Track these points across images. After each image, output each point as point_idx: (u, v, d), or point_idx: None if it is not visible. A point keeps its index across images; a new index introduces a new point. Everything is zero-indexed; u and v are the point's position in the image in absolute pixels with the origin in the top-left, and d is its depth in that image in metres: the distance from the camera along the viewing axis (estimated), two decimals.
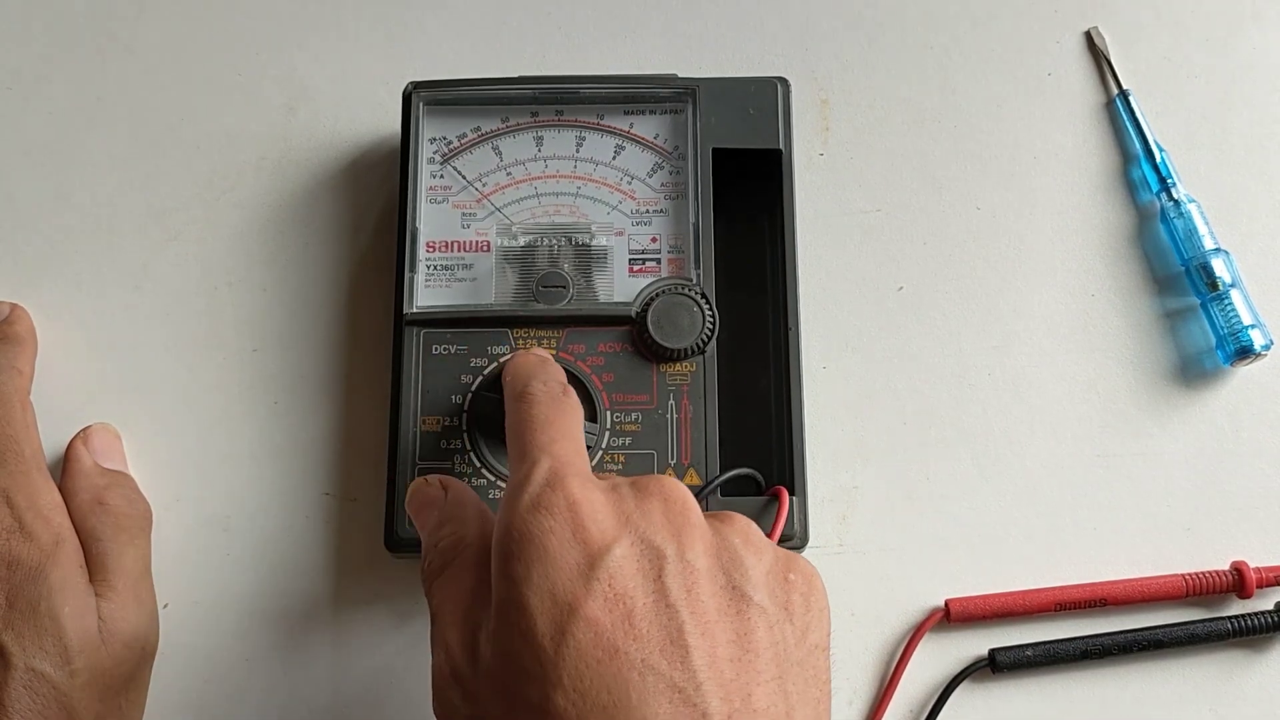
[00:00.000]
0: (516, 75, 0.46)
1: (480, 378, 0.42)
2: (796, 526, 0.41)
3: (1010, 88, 0.49)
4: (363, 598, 0.43)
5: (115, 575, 0.40)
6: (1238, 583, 0.43)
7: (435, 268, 0.44)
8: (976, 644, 0.43)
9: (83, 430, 0.44)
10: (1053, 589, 0.43)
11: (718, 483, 0.41)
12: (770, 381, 0.43)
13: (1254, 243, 0.48)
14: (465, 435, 0.42)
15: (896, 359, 0.46)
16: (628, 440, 0.42)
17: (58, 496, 0.41)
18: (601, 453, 0.41)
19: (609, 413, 0.42)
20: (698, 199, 0.44)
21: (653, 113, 0.45)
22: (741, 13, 0.50)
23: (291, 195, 0.48)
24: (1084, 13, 0.50)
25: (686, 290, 0.43)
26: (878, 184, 0.48)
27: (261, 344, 0.46)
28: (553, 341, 0.42)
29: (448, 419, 0.42)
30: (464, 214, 0.44)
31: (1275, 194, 0.48)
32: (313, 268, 0.47)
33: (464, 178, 0.45)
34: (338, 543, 0.44)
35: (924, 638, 0.43)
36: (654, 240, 0.44)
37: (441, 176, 0.45)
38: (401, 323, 0.43)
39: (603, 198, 0.44)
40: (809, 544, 0.42)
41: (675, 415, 0.42)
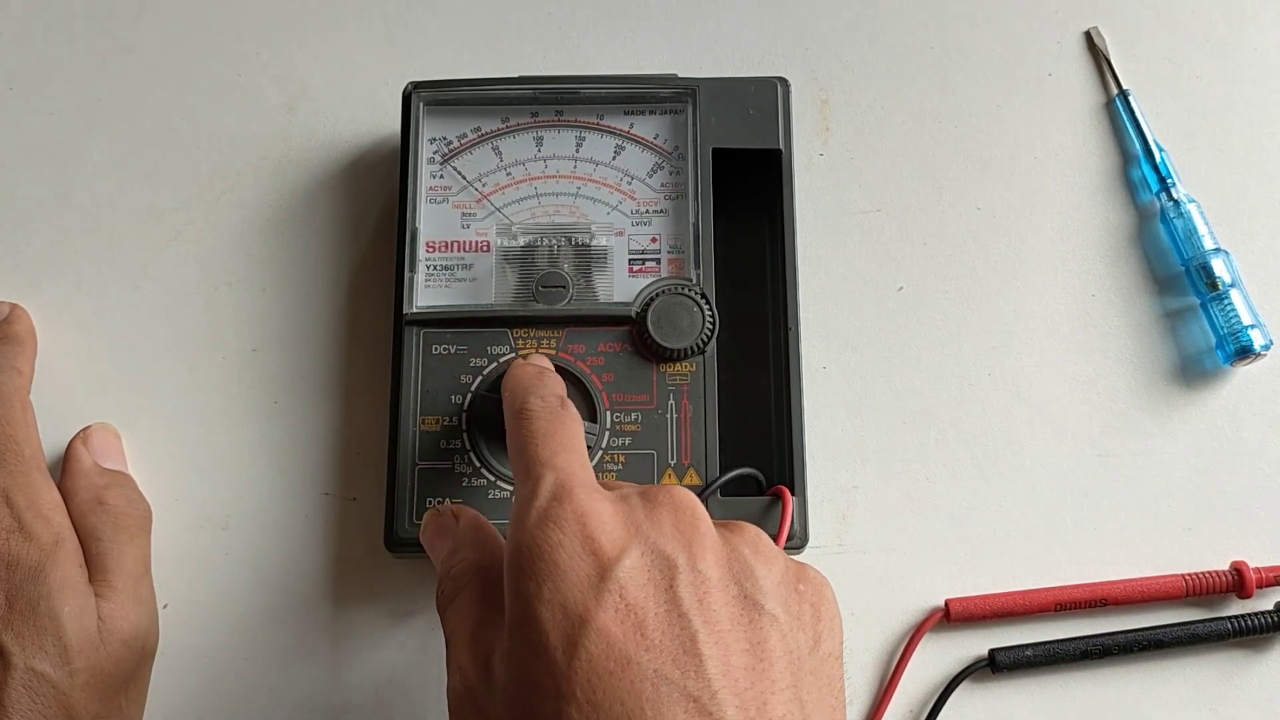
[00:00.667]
0: (516, 75, 0.46)
1: (480, 378, 0.42)
2: (796, 526, 0.41)
3: (1010, 88, 0.49)
4: (362, 597, 0.43)
5: (115, 575, 0.40)
6: (1238, 583, 0.43)
7: (435, 268, 0.44)
8: (976, 644, 0.43)
9: (83, 430, 0.44)
10: (1053, 589, 0.43)
11: (719, 483, 0.41)
12: (770, 381, 0.43)
13: (1254, 243, 0.48)
14: (465, 435, 0.42)
15: (896, 359, 0.46)
16: (628, 440, 0.42)
17: (57, 496, 0.41)
18: (601, 453, 0.41)
19: (609, 413, 0.42)
20: (698, 199, 0.44)
21: (653, 113, 0.45)
22: (741, 13, 0.50)
23: (291, 195, 0.48)
24: (1084, 13, 0.50)
25: (686, 290, 0.43)
26: (878, 184, 0.48)
27: (261, 344, 0.46)
28: (552, 341, 0.42)
29: (447, 419, 0.42)
30: (464, 214, 0.44)
31: (1275, 194, 0.48)
32: (313, 268, 0.47)
33: (464, 178, 0.45)
34: (338, 542, 0.44)
35: (924, 638, 0.43)
36: (654, 240, 0.44)
37: (441, 176, 0.45)
38: (401, 323, 0.43)
39: (603, 198, 0.44)
40: (809, 544, 0.42)
41: (675, 415, 0.42)
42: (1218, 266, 0.46)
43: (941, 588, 0.44)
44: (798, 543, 0.41)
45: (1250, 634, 0.43)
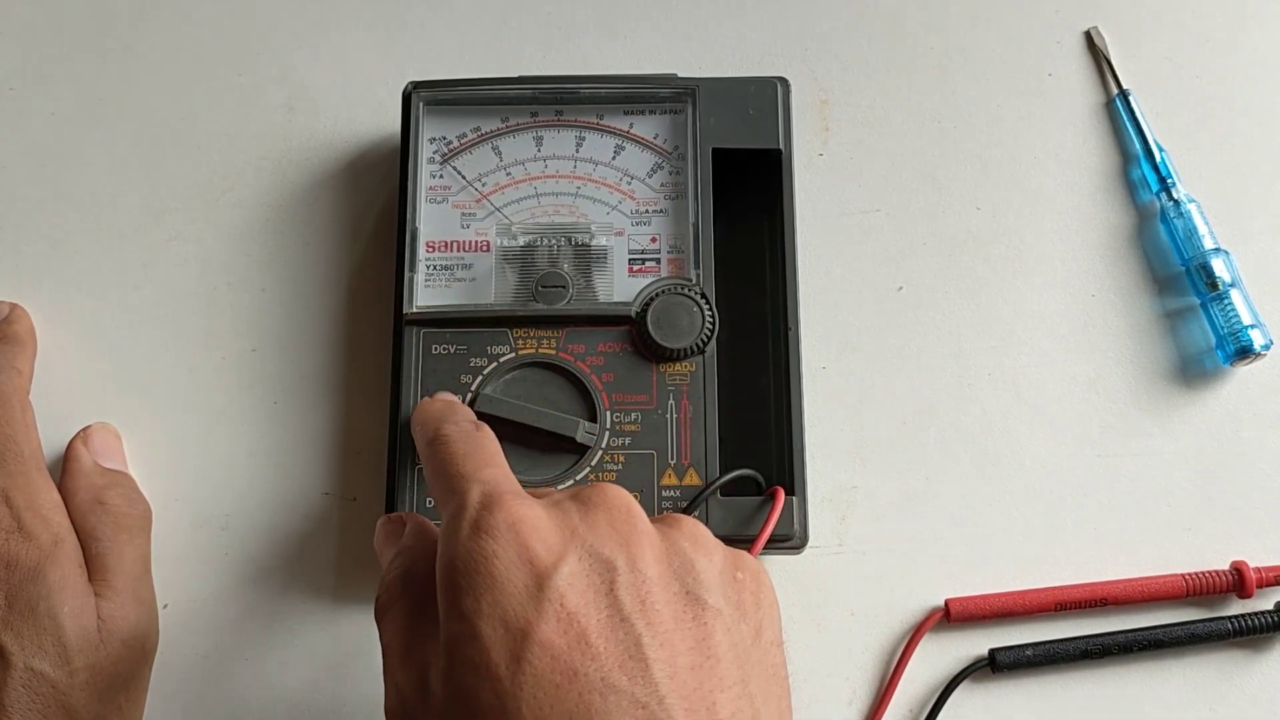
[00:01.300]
0: (516, 75, 0.46)
1: (480, 377, 0.42)
2: (796, 526, 0.41)
3: (1010, 87, 0.49)
4: (362, 597, 0.43)
5: (115, 575, 0.40)
6: (1238, 583, 0.43)
7: (435, 268, 0.44)
8: (976, 644, 0.43)
9: (82, 430, 0.44)
10: (1053, 589, 0.43)
11: (718, 484, 0.41)
12: (770, 381, 0.43)
13: (1254, 243, 0.47)
14: None
15: (896, 359, 0.46)
16: (627, 440, 0.42)
17: (57, 496, 0.41)
18: (601, 453, 0.41)
19: (609, 413, 0.42)
20: (697, 199, 0.44)
21: (652, 113, 0.45)
22: (741, 13, 0.50)
23: (291, 195, 0.48)
24: (1084, 13, 0.50)
25: (686, 290, 0.43)
26: (878, 184, 0.48)
27: (261, 344, 0.46)
28: (552, 341, 0.42)
29: None
30: (464, 214, 0.44)
31: (1275, 194, 0.48)
32: (312, 268, 0.47)
33: (464, 178, 0.45)
34: (337, 542, 0.44)
35: (924, 638, 0.43)
36: (654, 240, 0.44)
37: (441, 176, 0.45)
38: (401, 323, 0.43)
39: (602, 198, 0.44)
40: (809, 544, 0.41)
41: (675, 415, 0.42)
42: (1218, 266, 0.46)
43: (941, 587, 0.44)
44: (797, 543, 0.41)
45: (1250, 634, 0.43)
